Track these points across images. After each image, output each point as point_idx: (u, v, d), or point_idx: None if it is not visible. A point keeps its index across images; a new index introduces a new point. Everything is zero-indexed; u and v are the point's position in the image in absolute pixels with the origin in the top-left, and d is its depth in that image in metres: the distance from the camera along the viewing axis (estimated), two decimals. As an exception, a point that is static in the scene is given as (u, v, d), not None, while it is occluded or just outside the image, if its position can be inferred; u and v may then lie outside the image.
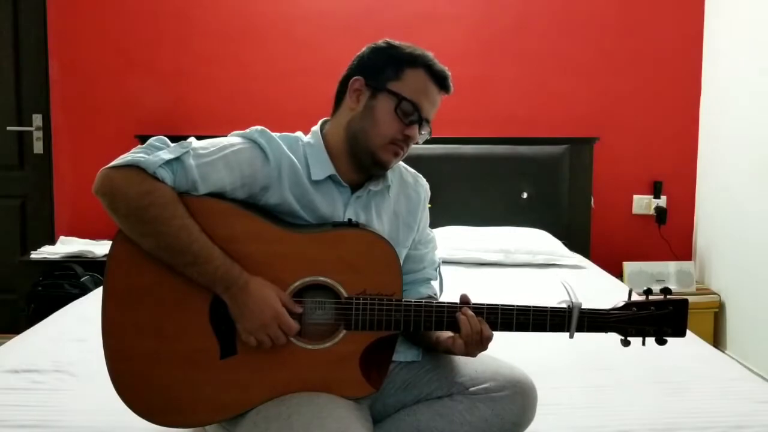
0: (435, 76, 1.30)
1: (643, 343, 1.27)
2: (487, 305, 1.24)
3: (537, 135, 3.38)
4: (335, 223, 1.28)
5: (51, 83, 3.41)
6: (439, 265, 1.51)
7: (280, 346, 1.20)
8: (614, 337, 1.29)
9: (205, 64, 3.40)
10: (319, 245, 1.23)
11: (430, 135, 1.34)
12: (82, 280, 2.91)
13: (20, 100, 3.42)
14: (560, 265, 2.89)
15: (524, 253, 2.92)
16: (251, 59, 3.41)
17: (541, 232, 3.13)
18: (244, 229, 1.21)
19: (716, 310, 3.20)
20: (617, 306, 1.27)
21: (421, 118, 1.29)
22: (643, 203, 3.49)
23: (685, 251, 3.51)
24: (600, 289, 2.43)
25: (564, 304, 1.25)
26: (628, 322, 1.25)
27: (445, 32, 3.36)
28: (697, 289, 3.23)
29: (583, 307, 1.24)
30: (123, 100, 3.41)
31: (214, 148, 1.23)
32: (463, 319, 1.22)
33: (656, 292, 1.27)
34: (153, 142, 1.21)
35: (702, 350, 1.89)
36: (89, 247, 3.13)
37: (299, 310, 1.21)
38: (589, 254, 3.31)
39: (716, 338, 3.22)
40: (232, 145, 1.25)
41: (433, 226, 1.59)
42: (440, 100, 1.34)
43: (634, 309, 1.26)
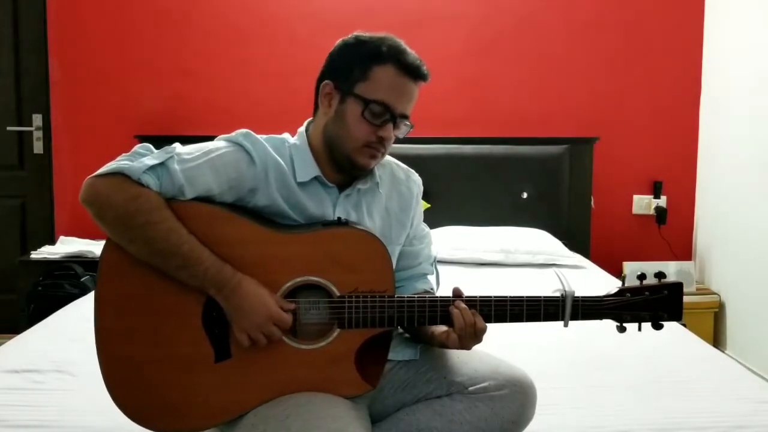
0: (406, 69, 1.26)
1: (639, 329, 1.26)
2: (480, 297, 1.23)
3: (537, 135, 3.37)
4: (325, 223, 1.28)
5: (51, 83, 3.40)
6: (435, 260, 1.51)
7: (275, 346, 1.19)
8: (614, 338, 1.29)
9: (205, 64, 3.40)
10: (310, 245, 1.23)
11: (411, 128, 1.32)
12: (82, 280, 2.90)
13: (20, 100, 3.41)
14: (560, 265, 2.88)
15: (524, 253, 2.93)
16: (251, 59, 3.40)
17: (541, 232, 3.13)
18: (233, 231, 1.21)
19: (716, 310, 3.20)
20: (611, 292, 1.26)
21: (394, 116, 1.27)
22: (643, 203, 3.49)
23: (685, 251, 3.51)
24: (600, 289, 2.41)
25: (557, 293, 1.24)
26: (622, 308, 1.25)
27: (445, 32, 3.37)
28: (697, 289, 3.23)
29: (576, 295, 1.24)
30: (123, 100, 3.41)
31: (199, 153, 1.23)
32: (456, 313, 1.21)
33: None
34: (137, 149, 1.22)
35: (702, 350, 1.89)
36: (89, 247, 3.13)
37: (291, 306, 1.21)
38: (589, 254, 3.31)
39: (716, 338, 3.22)
40: (218, 149, 1.25)
41: (433, 226, 1.59)
42: (417, 89, 1.30)
43: (628, 295, 1.25)
